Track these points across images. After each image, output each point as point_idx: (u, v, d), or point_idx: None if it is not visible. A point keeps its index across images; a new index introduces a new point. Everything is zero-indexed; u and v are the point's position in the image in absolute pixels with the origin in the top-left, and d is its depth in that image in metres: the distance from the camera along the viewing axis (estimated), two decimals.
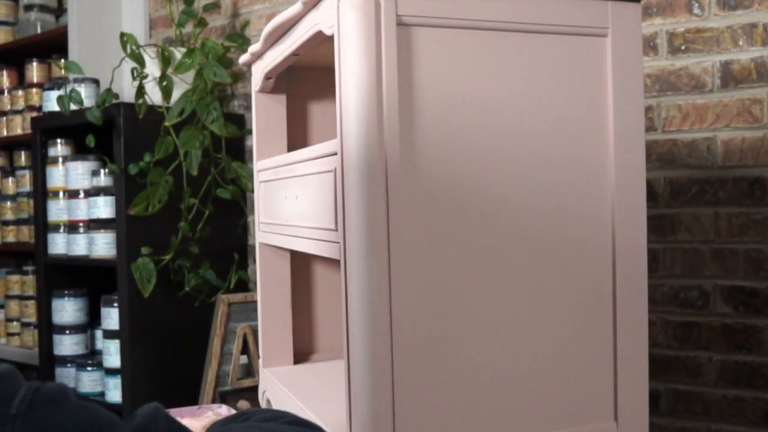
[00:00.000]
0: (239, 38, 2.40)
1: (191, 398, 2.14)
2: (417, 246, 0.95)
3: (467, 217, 0.98)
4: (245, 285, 2.39)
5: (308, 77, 1.56)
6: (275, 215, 1.34)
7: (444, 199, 0.96)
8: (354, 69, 0.93)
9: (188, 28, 2.46)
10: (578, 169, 1.04)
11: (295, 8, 1.13)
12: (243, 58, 1.48)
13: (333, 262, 1.57)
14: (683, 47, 1.77)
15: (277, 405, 1.39)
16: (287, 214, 1.26)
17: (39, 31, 3.06)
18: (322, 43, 1.14)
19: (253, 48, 1.40)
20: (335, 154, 0.97)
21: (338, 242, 0.97)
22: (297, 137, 1.56)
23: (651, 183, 1.79)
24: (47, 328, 2.51)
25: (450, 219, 0.97)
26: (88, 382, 2.41)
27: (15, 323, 3.07)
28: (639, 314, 1.07)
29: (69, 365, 2.48)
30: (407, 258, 0.94)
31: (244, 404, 2.04)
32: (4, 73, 3.22)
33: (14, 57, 3.19)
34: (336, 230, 0.98)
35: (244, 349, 2.12)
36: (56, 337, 2.49)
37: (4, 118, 3.17)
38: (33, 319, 2.95)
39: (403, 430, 0.95)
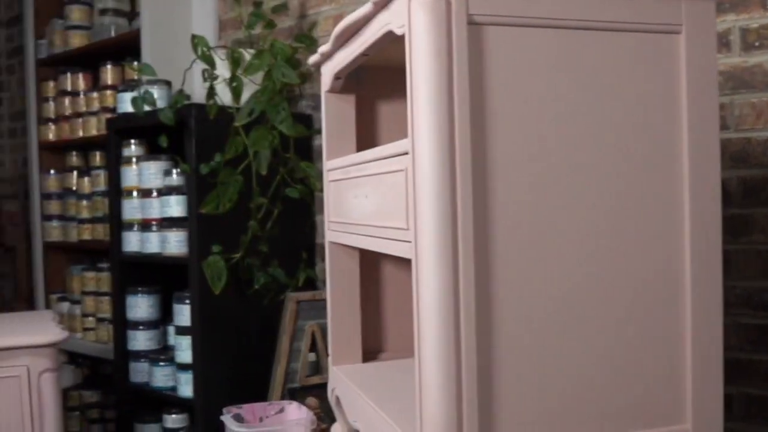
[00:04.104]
0: (307, 39, 2.42)
1: (260, 394, 2.17)
2: (488, 245, 0.95)
3: (538, 216, 0.97)
4: (313, 283, 2.42)
5: (377, 77, 1.57)
6: (345, 214, 1.36)
7: (515, 199, 0.96)
8: (425, 69, 0.93)
9: (257, 29, 2.49)
10: (651, 168, 1.03)
11: (365, 9, 1.14)
12: (312, 59, 1.50)
13: (402, 261, 1.58)
14: (757, 44, 1.73)
15: (346, 402, 1.40)
16: (357, 213, 1.27)
17: (113, 34, 3.14)
18: (392, 43, 1.15)
19: (323, 49, 1.42)
20: (406, 153, 0.98)
21: (410, 241, 0.97)
22: (365, 137, 1.57)
23: (723, 182, 1.75)
24: (121, 324, 2.58)
25: (521, 218, 0.96)
26: (160, 376, 2.47)
27: (91, 318, 3.16)
28: (714, 316, 1.05)
29: (142, 360, 2.54)
30: (479, 257, 0.94)
31: (312, 401, 2.06)
32: (80, 75, 3.31)
33: (89, 60, 3.28)
34: (407, 229, 0.99)
35: (313, 347, 2.14)
36: (130, 333, 2.56)
37: (80, 120, 3.26)
38: (108, 315, 3.03)
39: (471, 428, 0.95)
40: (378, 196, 1.14)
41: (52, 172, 3.45)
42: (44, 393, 1.95)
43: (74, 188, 3.34)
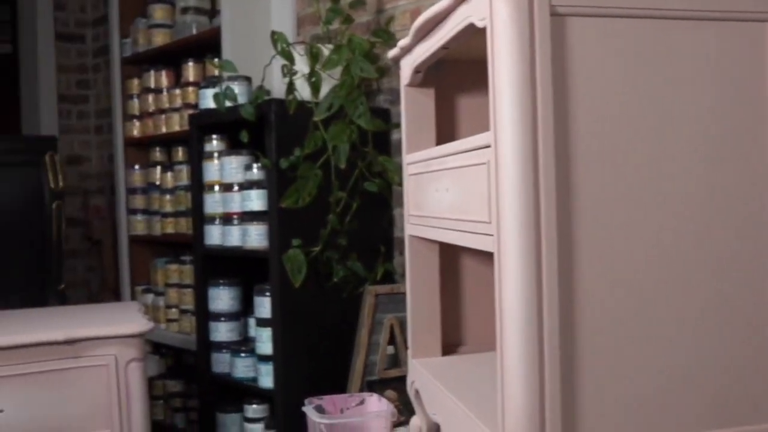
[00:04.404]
0: (384, 34, 2.43)
1: (339, 386, 2.19)
2: (571, 238, 0.94)
3: (621, 209, 0.96)
4: (391, 277, 2.43)
5: (456, 70, 1.57)
6: (425, 208, 1.36)
7: (598, 191, 0.95)
8: (507, 61, 0.93)
9: (335, 25, 2.51)
10: (737, 160, 1.00)
11: (445, 2, 1.14)
12: (392, 53, 1.50)
13: (482, 254, 1.57)
14: None
15: (426, 395, 1.41)
16: (437, 206, 1.27)
17: (194, 32, 3.21)
18: (472, 35, 1.14)
19: (402, 42, 1.42)
20: (488, 146, 0.98)
21: (492, 234, 0.97)
22: (444, 130, 1.57)
23: None
24: (204, 316, 2.64)
25: (603, 210, 0.95)
26: (241, 367, 2.51)
27: (174, 310, 3.24)
28: None
29: (224, 351, 2.60)
30: (562, 250, 0.93)
31: (391, 394, 2.07)
32: (163, 73, 3.39)
33: (172, 58, 3.36)
34: (489, 222, 0.98)
35: (391, 340, 2.15)
36: (212, 324, 2.62)
37: (163, 116, 3.34)
38: (190, 306, 3.10)
39: (553, 422, 0.94)
40: (459, 190, 1.13)
41: (136, 167, 3.55)
42: (131, 382, 2.01)
43: (158, 183, 3.43)
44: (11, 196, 2.86)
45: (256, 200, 2.36)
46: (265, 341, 2.36)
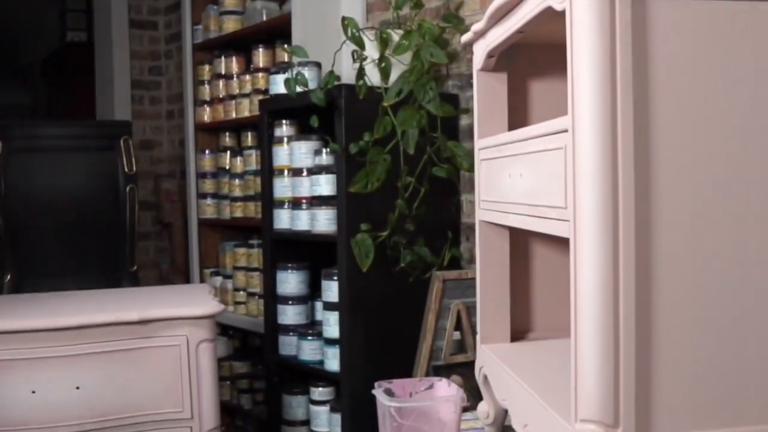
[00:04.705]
0: (454, 19, 2.42)
1: (405, 371, 2.20)
2: (649, 225, 0.93)
3: (701, 196, 0.94)
4: (458, 262, 2.43)
5: (529, 54, 1.55)
6: (497, 193, 1.35)
7: (677, 177, 0.93)
8: (587, 44, 0.92)
9: (405, 10, 2.51)
10: None
11: None
12: (465, 38, 1.49)
13: (552, 240, 1.56)
14: None
15: (495, 381, 1.41)
16: (510, 191, 1.27)
17: (264, 18, 3.24)
18: (548, 19, 1.13)
19: (476, 27, 1.42)
20: (566, 131, 0.97)
21: (568, 220, 0.96)
22: (516, 115, 1.56)
23: None
24: (272, 299, 2.68)
25: (683, 197, 0.94)
26: (308, 350, 2.54)
27: (241, 293, 3.29)
28: None
29: (291, 334, 2.63)
30: (639, 237, 0.92)
31: (457, 379, 2.07)
32: (233, 59, 3.44)
33: (242, 44, 3.40)
34: (565, 208, 0.98)
35: (458, 325, 2.16)
36: (280, 307, 2.65)
37: (233, 102, 3.39)
38: (257, 290, 3.15)
39: (627, 411, 0.93)
40: (534, 175, 1.13)
41: (206, 152, 3.61)
42: (201, 362, 2.05)
43: (227, 167, 3.48)
44: (88, 180, 2.94)
45: (325, 185, 2.38)
46: (331, 325, 2.38)
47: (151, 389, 2.01)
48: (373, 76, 2.28)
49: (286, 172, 2.59)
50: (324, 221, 2.39)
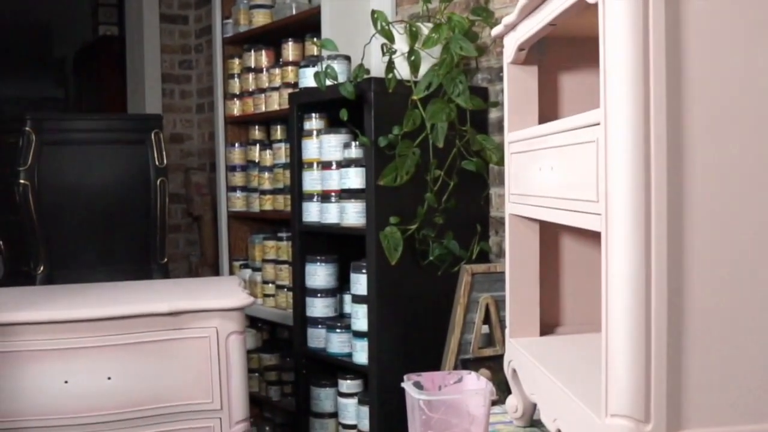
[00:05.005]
0: (483, 12, 2.41)
1: (434, 364, 2.21)
2: (682, 219, 0.92)
3: (735, 191, 0.93)
4: (486, 256, 2.42)
5: (559, 47, 1.54)
6: (527, 187, 1.35)
7: (711, 172, 0.93)
8: (620, 38, 0.91)
9: (434, 3, 2.51)
10: None
11: None
12: (495, 31, 1.49)
13: (583, 234, 1.55)
14: None
15: (524, 375, 1.40)
16: (541, 185, 1.26)
17: (294, 12, 3.24)
18: (580, 12, 1.12)
19: (507, 19, 1.41)
20: (598, 124, 0.96)
21: (600, 214, 0.96)
22: (547, 109, 1.55)
23: None
24: (301, 291, 2.69)
25: (716, 191, 0.93)
26: (336, 343, 2.55)
27: (270, 285, 3.30)
28: None
29: (319, 326, 2.64)
30: (672, 231, 0.91)
31: (485, 373, 2.07)
32: (263, 52, 3.45)
33: (271, 37, 3.40)
34: (597, 201, 0.97)
35: (486, 319, 2.15)
36: (308, 300, 2.66)
37: (263, 95, 3.40)
38: (286, 282, 3.16)
39: (658, 406, 0.93)
40: (565, 168, 1.12)
41: (236, 145, 3.63)
42: (231, 354, 2.07)
43: (257, 161, 3.49)
44: (119, 173, 2.97)
45: (354, 178, 2.39)
46: (360, 317, 2.39)
47: (181, 380, 2.03)
48: (403, 70, 2.28)
49: (315, 165, 2.60)
50: (353, 214, 2.39)
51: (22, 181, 2.73)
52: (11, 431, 1.92)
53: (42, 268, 2.78)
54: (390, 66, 2.23)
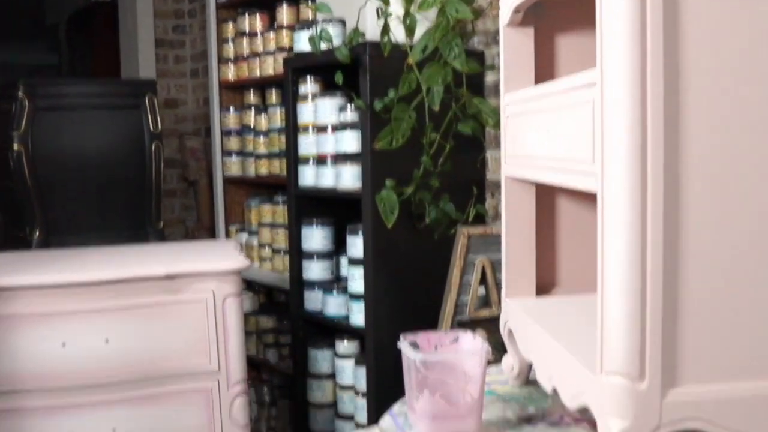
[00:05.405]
0: None
1: (430, 326, 2.22)
2: (678, 180, 0.93)
3: (731, 151, 0.93)
4: (482, 219, 2.43)
5: (557, 9, 1.54)
6: (523, 148, 1.35)
7: (706, 130, 0.93)
8: None
9: None
10: None
11: None
12: None
13: (578, 196, 1.56)
14: None
15: (519, 335, 1.42)
16: (537, 147, 1.26)
17: None
18: None
19: None
20: (594, 84, 0.96)
21: (595, 174, 0.96)
22: (542, 70, 1.55)
23: None
24: (297, 254, 2.70)
25: (712, 151, 0.93)
26: (333, 305, 2.57)
27: (266, 249, 3.32)
28: None
29: (316, 289, 2.66)
30: (668, 192, 0.92)
31: (481, 334, 2.09)
32: (257, 16, 3.43)
33: (266, 1, 3.38)
34: (593, 162, 0.98)
35: (482, 281, 2.17)
36: (305, 263, 2.67)
37: (257, 59, 3.39)
38: (282, 246, 3.17)
39: (653, 364, 0.94)
40: (560, 129, 1.12)
41: (231, 109, 3.62)
42: (228, 316, 2.08)
43: (252, 125, 3.49)
44: (113, 138, 2.96)
45: (350, 142, 2.39)
46: (356, 280, 2.41)
47: (179, 343, 2.05)
48: (398, 33, 2.26)
49: (310, 128, 2.60)
50: (349, 178, 2.40)
51: (15, 147, 2.73)
52: (10, 394, 1.93)
53: (38, 233, 2.78)
54: (385, 29, 2.22)
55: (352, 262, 2.43)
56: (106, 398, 2.00)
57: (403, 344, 1.28)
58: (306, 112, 2.61)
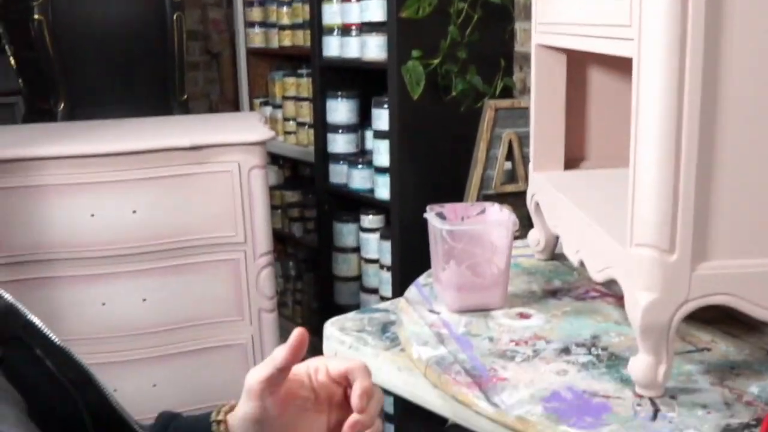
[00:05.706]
0: None
1: (456, 199, 2.21)
2: (719, 41, 0.88)
3: None
4: (510, 92, 2.38)
5: None
6: (555, 14, 1.30)
7: None
8: None
9: None
10: None
11: None
12: None
13: (609, 66, 1.51)
14: None
15: (546, 208, 1.40)
16: (570, 11, 1.21)
17: None
18: None
19: None
20: None
21: (632, 39, 0.92)
22: None
23: None
24: (322, 127, 2.67)
25: (759, 13, 0.88)
26: (358, 179, 2.56)
27: (291, 122, 3.29)
28: None
29: (341, 162, 2.64)
30: (708, 55, 0.88)
31: (507, 208, 2.08)
32: None
33: None
34: (629, 26, 0.93)
35: (509, 155, 2.14)
36: (330, 136, 2.65)
37: None
38: (307, 119, 3.14)
39: (684, 235, 0.93)
40: None
41: None
42: (253, 187, 2.09)
43: None
44: (134, 7, 2.90)
45: (375, 10, 2.32)
46: (382, 153, 2.39)
47: (205, 214, 2.06)
48: None
49: None
50: (374, 48, 2.34)
51: (36, 17, 2.68)
52: (42, 263, 1.97)
53: (63, 105, 2.77)
54: None
55: (378, 135, 2.40)
56: (135, 268, 2.03)
57: (430, 215, 1.28)
58: None
